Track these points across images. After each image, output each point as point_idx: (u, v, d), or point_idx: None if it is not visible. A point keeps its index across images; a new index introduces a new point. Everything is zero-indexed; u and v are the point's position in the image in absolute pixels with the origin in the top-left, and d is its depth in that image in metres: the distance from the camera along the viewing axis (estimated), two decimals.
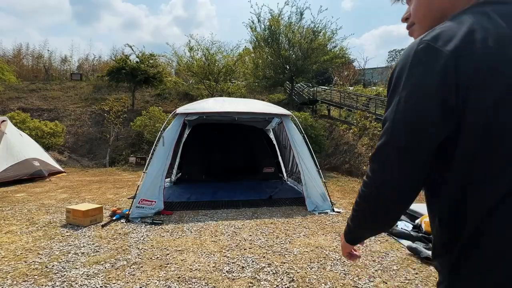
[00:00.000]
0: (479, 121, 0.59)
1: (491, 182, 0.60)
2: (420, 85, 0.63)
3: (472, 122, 0.60)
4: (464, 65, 0.59)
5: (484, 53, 0.59)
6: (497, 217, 0.59)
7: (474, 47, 0.59)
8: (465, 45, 0.60)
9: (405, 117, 0.64)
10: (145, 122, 11.61)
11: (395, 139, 0.66)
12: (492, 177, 0.60)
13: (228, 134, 7.70)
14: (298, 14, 14.62)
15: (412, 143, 0.64)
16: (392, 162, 0.66)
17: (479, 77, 0.59)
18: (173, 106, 17.15)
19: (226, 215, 4.42)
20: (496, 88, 0.58)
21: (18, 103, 16.85)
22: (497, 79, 0.58)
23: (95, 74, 24.42)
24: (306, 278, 2.55)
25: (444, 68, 0.60)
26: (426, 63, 0.62)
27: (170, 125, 4.91)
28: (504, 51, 0.59)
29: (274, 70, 15.73)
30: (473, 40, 0.60)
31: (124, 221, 4.01)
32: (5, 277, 2.50)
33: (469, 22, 0.62)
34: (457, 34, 0.61)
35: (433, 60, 0.61)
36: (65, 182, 7.38)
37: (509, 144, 0.59)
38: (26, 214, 4.36)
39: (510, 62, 0.58)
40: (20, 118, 11.46)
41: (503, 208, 0.59)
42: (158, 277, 2.53)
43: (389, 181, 0.67)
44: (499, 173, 0.59)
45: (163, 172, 4.50)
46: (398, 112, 0.65)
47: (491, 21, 0.62)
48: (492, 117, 0.59)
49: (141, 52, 16.46)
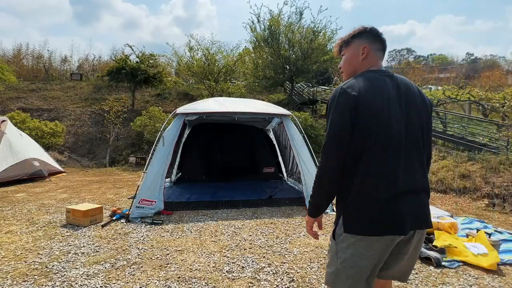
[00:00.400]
0: (362, 126, 1.22)
1: (374, 160, 1.23)
2: (340, 111, 1.24)
3: (358, 127, 1.22)
4: (358, 101, 1.22)
5: (364, 96, 1.23)
6: (366, 183, 1.23)
7: (361, 93, 1.23)
8: (359, 92, 1.23)
9: (335, 129, 1.25)
10: (145, 122, 11.61)
11: (331, 141, 1.26)
12: (373, 163, 1.23)
13: (228, 134, 7.70)
14: (297, 14, 14.61)
15: (340, 142, 1.24)
16: (331, 153, 1.27)
17: (362, 107, 1.22)
18: (173, 106, 17.15)
19: (226, 215, 4.42)
20: (367, 113, 1.22)
21: (18, 103, 16.85)
22: (368, 108, 1.22)
23: (95, 74, 24.41)
24: (306, 278, 2.55)
25: (350, 102, 1.22)
26: (343, 100, 1.24)
27: (170, 125, 4.91)
28: (371, 95, 1.24)
29: (274, 70, 15.72)
30: (361, 90, 1.24)
31: (124, 221, 4.01)
32: (5, 277, 2.50)
33: (361, 80, 1.28)
34: (356, 86, 1.25)
35: (346, 99, 1.24)
36: (65, 182, 7.38)
37: (374, 137, 1.22)
38: (26, 214, 4.36)
39: (372, 100, 1.23)
40: (20, 118, 11.46)
41: (368, 179, 1.23)
42: (158, 277, 2.53)
43: (330, 164, 1.28)
44: (379, 161, 1.23)
45: (163, 172, 4.50)
46: (331, 126, 1.26)
47: (368, 80, 1.28)
48: (366, 124, 1.22)
49: (141, 52, 16.45)
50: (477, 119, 10.39)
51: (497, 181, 6.34)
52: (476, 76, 27.03)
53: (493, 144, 8.55)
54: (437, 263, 2.81)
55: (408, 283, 2.50)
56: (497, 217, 4.65)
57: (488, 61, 39.28)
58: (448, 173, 7.28)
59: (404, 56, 51.07)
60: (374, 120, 1.22)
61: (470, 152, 7.94)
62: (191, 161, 7.34)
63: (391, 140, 1.23)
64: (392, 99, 1.26)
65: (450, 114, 11.22)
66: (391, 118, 1.23)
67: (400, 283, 2.49)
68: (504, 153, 7.18)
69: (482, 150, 7.75)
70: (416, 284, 2.49)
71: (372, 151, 1.22)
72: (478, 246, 3.05)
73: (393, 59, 51.02)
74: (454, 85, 17.81)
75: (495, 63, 37.56)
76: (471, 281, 2.56)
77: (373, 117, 1.22)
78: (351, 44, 1.42)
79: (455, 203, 5.70)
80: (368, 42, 1.38)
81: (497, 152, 7.41)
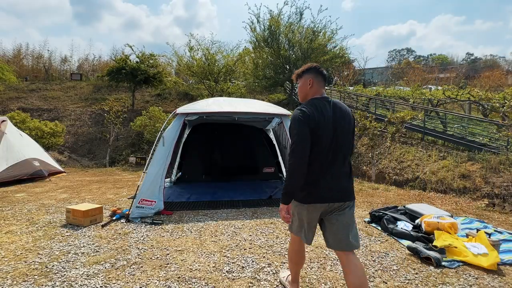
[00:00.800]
0: (312, 136, 1.79)
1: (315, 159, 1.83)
2: (301, 126, 1.79)
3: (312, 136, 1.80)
4: (310, 120, 1.80)
5: (312, 115, 1.81)
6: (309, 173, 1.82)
7: (311, 114, 1.81)
8: (311, 113, 1.81)
9: (299, 138, 1.77)
10: (145, 122, 11.61)
11: (298, 145, 1.77)
12: (315, 159, 1.82)
13: (228, 134, 7.69)
14: (297, 14, 14.64)
15: (303, 147, 1.77)
16: (298, 154, 1.76)
17: (312, 123, 1.79)
18: (173, 106, 17.15)
19: (226, 215, 4.42)
20: (315, 127, 1.79)
21: (18, 103, 16.85)
22: (316, 124, 1.80)
23: (95, 74, 24.44)
24: (306, 278, 2.55)
25: (307, 119, 1.80)
26: (302, 117, 1.81)
27: (170, 125, 4.91)
28: (316, 115, 1.82)
29: (274, 70, 15.73)
30: (311, 112, 1.82)
31: (124, 221, 4.01)
32: (5, 277, 2.50)
33: (310, 105, 1.87)
34: (308, 109, 1.83)
35: (303, 116, 1.81)
36: (65, 182, 7.38)
37: (317, 150, 1.82)
38: (26, 214, 4.36)
39: (318, 119, 1.81)
40: (20, 118, 11.45)
41: (319, 171, 1.85)
42: (158, 277, 2.53)
43: (298, 161, 1.77)
44: (319, 158, 1.83)
45: (163, 172, 4.49)
46: (297, 135, 1.78)
47: (314, 105, 1.87)
48: (315, 134, 1.80)
49: (141, 52, 16.45)
50: (477, 119, 10.39)
51: (497, 181, 6.34)
52: (476, 76, 27.04)
53: (493, 144, 8.55)
54: (437, 263, 2.81)
55: (408, 283, 2.50)
56: (497, 217, 4.65)
57: (488, 61, 39.30)
58: (448, 173, 7.28)
59: (404, 56, 51.04)
60: (319, 132, 1.82)
61: (470, 152, 7.94)
62: (191, 161, 7.34)
63: (327, 144, 1.85)
64: (328, 118, 1.87)
65: (450, 114, 11.23)
66: (329, 132, 1.85)
67: (400, 283, 2.50)
68: (504, 153, 7.18)
69: (482, 150, 7.75)
70: (416, 284, 2.49)
71: (317, 152, 1.84)
72: (478, 246, 3.05)
73: (393, 59, 51.02)
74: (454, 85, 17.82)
75: (495, 63, 37.58)
76: (471, 281, 2.56)
77: (318, 129, 1.82)
78: (302, 76, 2.03)
79: (455, 203, 5.70)
80: (313, 76, 1.98)
81: (497, 152, 7.41)
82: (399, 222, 3.85)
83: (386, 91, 17.78)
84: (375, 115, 10.68)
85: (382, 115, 11.52)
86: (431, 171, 7.76)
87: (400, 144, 9.69)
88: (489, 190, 6.22)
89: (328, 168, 1.87)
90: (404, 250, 3.20)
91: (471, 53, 53.88)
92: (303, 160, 1.77)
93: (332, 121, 1.87)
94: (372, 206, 5.10)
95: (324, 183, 1.86)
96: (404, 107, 13.11)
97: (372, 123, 8.75)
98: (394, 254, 3.08)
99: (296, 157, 1.78)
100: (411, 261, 2.93)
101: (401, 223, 3.81)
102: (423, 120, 10.31)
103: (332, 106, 1.92)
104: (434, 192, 6.88)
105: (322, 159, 1.85)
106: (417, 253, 3.00)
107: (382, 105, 14.57)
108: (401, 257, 3.02)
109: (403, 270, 2.74)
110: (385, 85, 24.48)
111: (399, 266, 2.81)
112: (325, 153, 1.85)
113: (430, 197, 6.28)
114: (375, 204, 5.30)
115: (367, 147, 10.08)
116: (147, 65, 16.13)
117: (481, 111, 11.12)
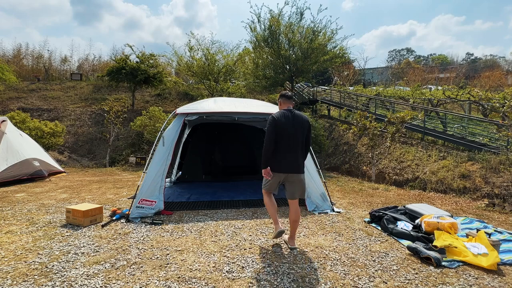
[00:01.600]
0: (277, 133, 3.04)
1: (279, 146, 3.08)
2: (271, 126, 3.06)
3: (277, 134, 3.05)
4: (277, 122, 3.05)
5: (279, 119, 3.07)
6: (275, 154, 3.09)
7: (279, 118, 3.07)
8: (278, 118, 3.08)
9: (268, 133, 3.04)
10: (145, 122, 11.61)
11: (268, 137, 3.03)
12: (279, 146, 3.07)
13: (228, 134, 7.69)
14: (298, 14, 14.60)
15: (270, 138, 3.03)
16: (267, 142, 3.03)
17: (278, 125, 3.05)
18: (173, 106, 17.16)
19: (226, 215, 4.42)
20: (280, 128, 3.04)
21: (18, 103, 16.85)
22: (280, 125, 3.05)
23: (95, 74, 24.43)
24: (306, 278, 2.55)
25: (275, 121, 3.06)
26: (272, 122, 3.07)
27: (170, 125, 4.91)
28: (281, 120, 3.07)
29: (274, 70, 15.71)
30: (278, 118, 3.08)
31: (124, 221, 4.01)
32: (5, 277, 2.50)
33: (279, 114, 3.13)
34: (277, 116, 3.11)
35: (273, 120, 3.08)
36: (65, 182, 7.38)
37: (281, 140, 3.06)
38: (26, 214, 4.36)
39: (282, 122, 3.06)
40: (20, 118, 11.45)
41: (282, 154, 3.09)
42: (158, 277, 2.53)
43: (267, 146, 3.03)
44: (282, 145, 3.07)
45: (163, 172, 4.49)
46: (268, 131, 3.05)
47: (281, 114, 3.13)
48: (279, 133, 3.04)
49: (141, 52, 16.44)
50: (477, 119, 10.39)
51: (497, 181, 6.34)
52: (476, 76, 27.05)
53: (493, 144, 8.55)
54: (437, 263, 2.81)
55: (408, 283, 2.50)
56: (497, 217, 4.65)
57: (488, 61, 39.30)
58: (448, 173, 7.29)
59: (404, 56, 51.01)
60: (281, 131, 3.03)
61: (470, 152, 7.94)
62: (191, 161, 7.34)
63: (287, 137, 3.05)
64: (289, 122, 3.06)
65: (450, 114, 11.23)
66: (289, 130, 3.05)
67: (400, 283, 2.50)
68: (504, 153, 7.18)
69: (482, 150, 7.75)
70: (416, 284, 2.49)
71: (280, 143, 3.05)
72: (478, 246, 3.05)
73: (393, 59, 51.02)
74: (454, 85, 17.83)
75: (495, 63, 37.58)
76: (471, 281, 2.56)
77: (281, 130, 3.03)
78: (279, 99, 3.35)
79: (455, 203, 5.70)
80: (281, 99, 3.32)
81: (497, 152, 7.41)
82: (399, 222, 3.85)
83: (386, 91, 17.79)
84: (375, 115, 10.68)
85: (382, 115, 11.51)
86: (431, 171, 7.76)
87: (400, 144, 9.69)
88: (489, 190, 6.22)
89: (288, 152, 3.08)
90: (404, 250, 3.20)
91: (471, 53, 53.94)
92: (270, 146, 3.03)
93: (291, 124, 3.09)
94: (372, 206, 5.10)
95: (285, 162, 3.09)
96: (404, 107, 13.12)
97: (372, 123, 8.75)
98: (394, 254, 3.08)
99: (266, 144, 3.05)
100: (411, 261, 2.93)
101: (401, 223, 3.81)
102: (423, 120, 10.30)
103: (293, 114, 3.15)
104: (434, 192, 6.88)
105: (284, 146, 3.07)
106: (417, 253, 3.00)
107: (382, 105, 14.57)
108: (401, 257, 3.02)
109: (403, 270, 2.74)
110: (385, 85, 24.50)
111: (399, 266, 2.81)
112: (286, 143, 3.07)
113: (430, 197, 6.28)
114: (375, 204, 5.30)
115: (367, 147, 10.08)
116: (147, 65, 16.12)
117: (481, 111, 11.12)
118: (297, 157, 3.09)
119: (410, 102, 13.61)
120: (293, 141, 3.05)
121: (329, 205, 4.74)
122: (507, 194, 5.91)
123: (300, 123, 3.09)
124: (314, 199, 4.73)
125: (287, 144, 3.04)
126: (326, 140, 11.32)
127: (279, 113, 3.10)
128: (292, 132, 3.04)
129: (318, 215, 4.48)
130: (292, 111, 3.12)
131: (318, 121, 12.59)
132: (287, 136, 3.02)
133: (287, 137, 3.02)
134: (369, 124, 8.72)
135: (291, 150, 3.06)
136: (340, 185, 7.28)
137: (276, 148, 3.03)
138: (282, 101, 3.28)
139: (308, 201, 4.73)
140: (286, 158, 3.06)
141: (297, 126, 3.07)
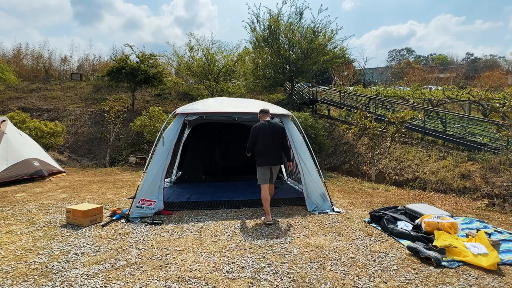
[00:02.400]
0: (257, 137, 4.28)
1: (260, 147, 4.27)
2: (253, 132, 4.32)
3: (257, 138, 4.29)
4: (258, 130, 4.29)
5: (259, 128, 4.29)
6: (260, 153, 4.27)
7: (260, 127, 4.29)
8: (259, 126, 4.31)
9: (250, 138, 4.33)
10: (145, 122, 11.61)
11: (250, 140, 4.33)
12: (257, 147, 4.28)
13: (228, 134, 7.69)
14: (297, 14, 14.61)
15: (251, 141, 4.32)
16: (249, 144, 4.34)
17: (258, 132, 4.28)
18: (173, 106, 17.16)
19: (226, 215, 4.42)
20: (260, 134, 4.26)
21: (18, 103, 16.85)
22: (260, 132, 4.27)
23: (95, 74, 24.43)
24: (306, 278, 2.55)
25: (256, 129, 4.31)
26: (254, 129, 4.33)
27: (170, 125, 4.91)
28: (261, 128, 4.29)
29: (274, 70, 15.71)
30: (258, 126, 4.31)
31: (124, 221, 4.01)
32: (5, 277, 2.50)
33: (259, 124, 4.34)
34: (257, 125, 4.33)
35: (254, 128, 4.33)
36: (65, 182, 7.38)
37: (259, 143, 4.26)
38: (26, 214, 4.36)
39: (262, 130, 4.27)
40: (20, 118, 11.45)
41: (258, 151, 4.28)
42: (158, 277, 2.53)
43: (249, 146, 4.34)
44: (261, 146, 4.25)
45: (163, 172, 4.49)
46: (250, 136, 4.33)
47: (261, 124, 4.32)
48: (259, 137, 4.27)
49: (141, 52, 16.44)
50: (477, 119, 10.39)
51: (497, 181, 6.34)
52: (476, 76, 27.06)
53: (493, 144, 8.55)
54: (437, 263, 2.81)
55: (408, 283, 2.50)
56: (497, 217, 4.65)
57: (488, 61, 39.30)
58: (448, 173, 7.29)
59: (404, 56, 50.99)
60: (261, 136, 4.23)
61: (470, 152, 7.94)
62: (191, 161, 7.34)
63: (265, 140, 4.22)
64: (267, 130, 4.25)
65: (450, 114, 11.23)
66: (266, 136, 4.22)
67: (400, 283, 2.50)
68: (504, 153, 7.18)
69: (482, 150, 7.75)
70: (416, 284, 2.49)
71: (259, 145, 4.24)
72: (478, 246, 3.05)
73: (393, 59, 50.99)
74: (454, 85, 17.82)
75: (495, 63, 37.59)
76: (471, 281, 2.56)
77: (261, 135, 4.24)
78: (259, 114, 4.50)
79: (455, 203, 5.70)
80: (260, 114, 4.49)
81: (497, 152, 7.41)
82: (399, 222, 3.85)
83: (386, 91, 17.78)
84: (375, 115, 10.67)
85: (382, 115, 11.51)
86: (431, 171, 7.76)
87: (400, 144, 9.69)
88: (489, 190, 6.22)
89: (266, 151, 4.18)
90: (404, 250, 3.20)
91: (471, 53, 53.91)
92: (250, 146, 4.28)
93: (268, 131, 4.22)
94: (372, 206, 5.10)
95: (265, 157, 4.18)
96: (404, 107, 13.12)
97: (372, 123, 8.75)
98: (394, 254, 3.08)
99: (248, 145, 4.29)
100: (411, 261, 2.93)
101: (401, 223, 3.81)
102: (423, 120, 10.30)
103: (269, 124, 4.27)
104: (434, 192, 6.88)
105: (263, 147, 4.19)
106: (417, 253, 3.00)
107: (382, 105, 14.57)
108: (401, 257, 3.02)
109: (403, 270, 2.74)
110: (385, 85, 24.49)
111: (399, 266, 2.81)
112: (264, 144, 4.19)
113: (430, 197, 6.28)
114: (375, 204, 5.30)
115: (367, 147, 10.08)
116: (147, 65, 16.12)
117: (481, 111, 11.12)
118: (276, 153, 4.25)
119: (410, 102, 13.61)
120: (272, 143, 4.20)
121: (329, 205, 4.74)
122: (507, 194, 5.91)
123: (274, 129, 4.26)
124: (314, 199, 4.73)
125: (266, 145, 4.19)
126: (326, 140, 11.31)
127: (259, 123, 4.29)
128: (270, 136, 4.20)
129: (318, 215, 4.48)
130: (269, 121, 4.32)
131: (318, 121, 12.57)
132: (267, 139, 4.19)
133: (267, 139, 4.19)
134: (369, 124, 8.72)
135: (271, 149, 4.20)
136: (340, 185, 7.28)
137: (260, 148, 4.19)
138: (262, 115, 4.44)
139: (308, 201, 4.73)
140: (269, 156, 4.19)
141: (273, 131, 4.24)
